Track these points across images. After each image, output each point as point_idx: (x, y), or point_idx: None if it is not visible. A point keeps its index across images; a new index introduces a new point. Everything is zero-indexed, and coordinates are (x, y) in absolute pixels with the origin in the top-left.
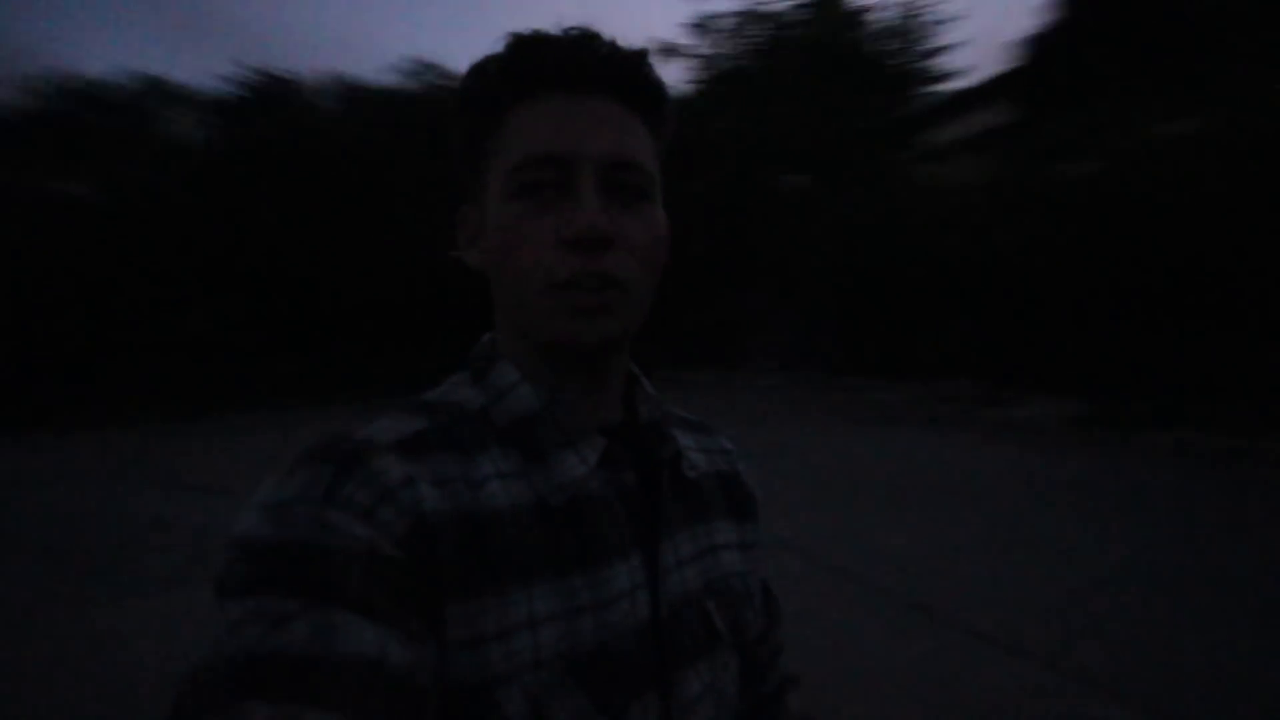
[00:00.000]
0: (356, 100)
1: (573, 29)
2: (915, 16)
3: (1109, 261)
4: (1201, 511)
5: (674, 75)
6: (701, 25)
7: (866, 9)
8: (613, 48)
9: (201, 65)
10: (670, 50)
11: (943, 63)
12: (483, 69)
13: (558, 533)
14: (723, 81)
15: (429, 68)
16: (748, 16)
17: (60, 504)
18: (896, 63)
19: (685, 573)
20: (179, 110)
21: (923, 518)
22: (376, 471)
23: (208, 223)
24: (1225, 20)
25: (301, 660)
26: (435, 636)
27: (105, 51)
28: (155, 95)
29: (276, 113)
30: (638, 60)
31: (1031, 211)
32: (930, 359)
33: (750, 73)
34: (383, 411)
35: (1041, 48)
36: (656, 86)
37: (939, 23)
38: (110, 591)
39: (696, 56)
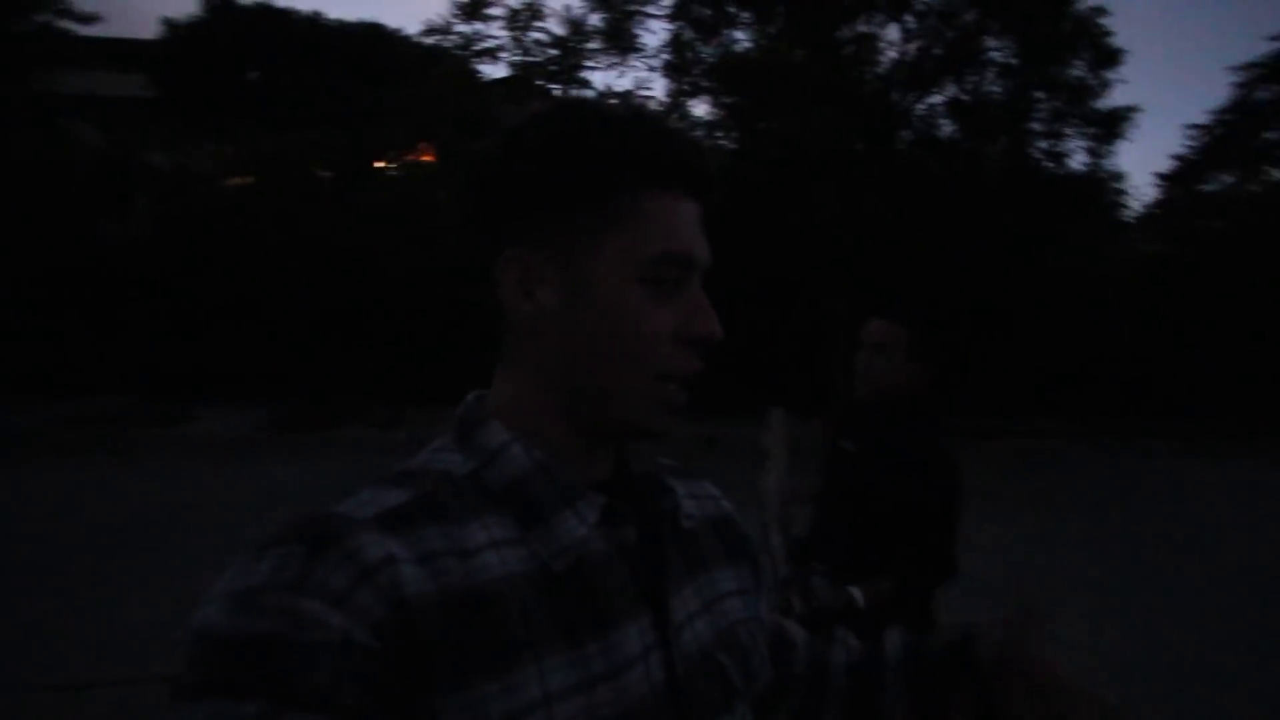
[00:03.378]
0: None
1: (680, 128)
2: None
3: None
4: None
5: None
6: None
7: None
8: (708, 157)
9: None
10: None
11: None
12: (609, 138)
13: (564, 599)
14: None
15: None
16: None
17: None
18: None
19: (696, 627)
20: None
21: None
22: (352, 550)
23: None
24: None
25: None
26: None
27: None
28: None
29: None
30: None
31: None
32: (83, 373)
33: None
34: (362, 484)
35: (195, 40)
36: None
37: None
38: None
39: None
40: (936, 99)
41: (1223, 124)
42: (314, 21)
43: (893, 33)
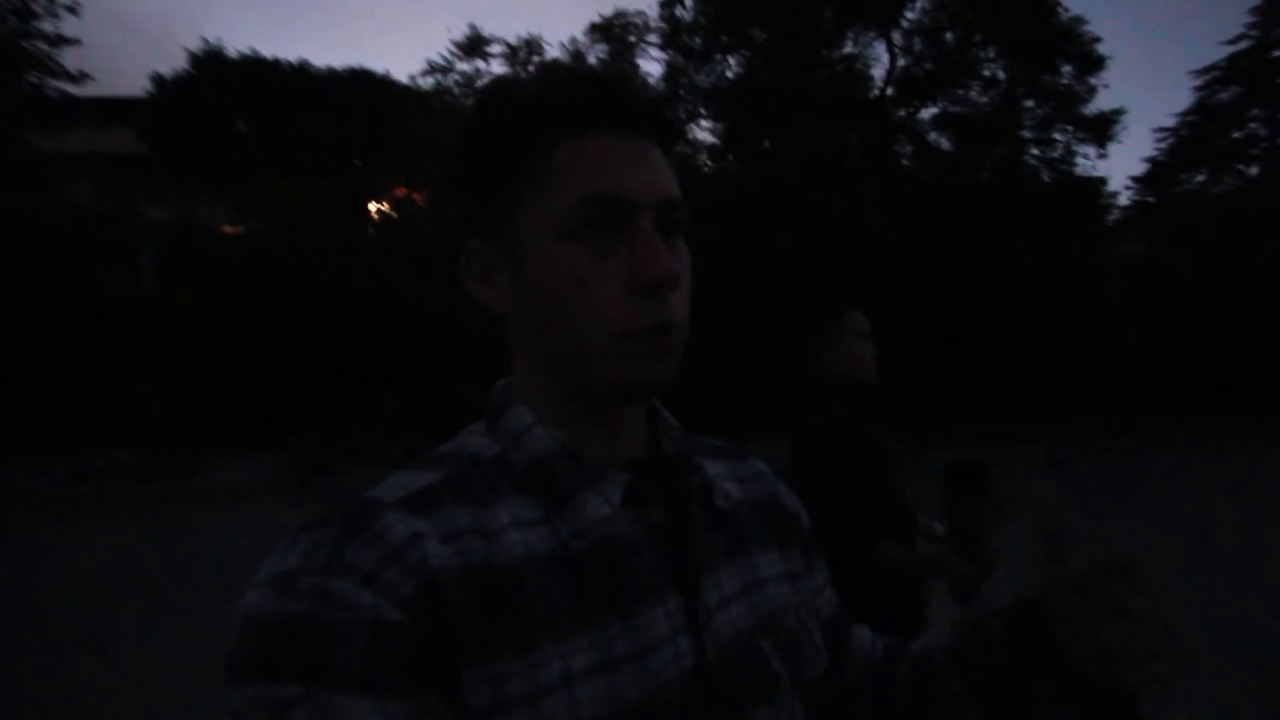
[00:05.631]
0: None
1: (603, 68)
2: None
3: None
4: None
5: None
6: None
7: None
8: (647, 88)
9: None
10: None
11: (61, 55)
12: (517, 97)
13: (586, 580)
14: None
15: None
16: None
17: None
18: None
19: (732, 611)
20: None
21: None
22: (380, 531)
23: None
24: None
25: None
26: (450, 706)
27: None
28: None
29: None
30: (666, 101)
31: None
32: (88, 428)
33: None
34: (399, 469)
35: (184, 94)
36: (678, 126)
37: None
38: None
39: None
40: (928, 112)
41: (1188, 126)
42: (302, 70)
43: (880, 51)
